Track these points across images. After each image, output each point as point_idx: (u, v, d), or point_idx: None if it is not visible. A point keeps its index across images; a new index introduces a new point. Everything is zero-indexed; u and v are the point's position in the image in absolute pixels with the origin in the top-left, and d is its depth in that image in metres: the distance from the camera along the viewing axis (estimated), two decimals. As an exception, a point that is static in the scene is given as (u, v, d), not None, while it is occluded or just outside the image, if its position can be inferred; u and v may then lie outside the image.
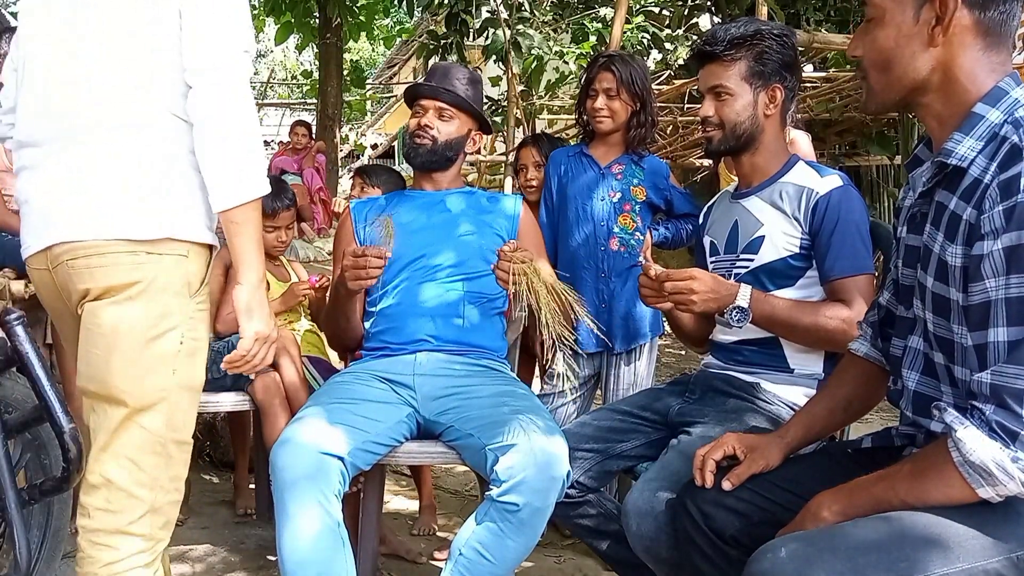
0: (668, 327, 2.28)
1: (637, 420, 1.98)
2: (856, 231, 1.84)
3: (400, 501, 3.21)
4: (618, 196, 2.54)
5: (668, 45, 7.15)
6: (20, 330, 1.63)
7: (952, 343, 1.24)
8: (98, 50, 1.48)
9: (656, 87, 5.86)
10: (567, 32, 7.44)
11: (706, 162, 7.16)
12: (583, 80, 2.67)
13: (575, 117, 2.77)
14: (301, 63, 22.82)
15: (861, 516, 1.23)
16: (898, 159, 7.28)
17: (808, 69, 6.36)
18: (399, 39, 16.14)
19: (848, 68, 6.10)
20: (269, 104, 18.32)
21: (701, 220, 2.17)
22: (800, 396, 1.86)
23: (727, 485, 1.49)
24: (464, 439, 1.91)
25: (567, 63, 7.08)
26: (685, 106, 6.68)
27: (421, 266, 2.18)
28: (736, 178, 2.08)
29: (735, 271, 1.95)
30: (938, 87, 1.27)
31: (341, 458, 1.79)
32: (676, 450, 1.76)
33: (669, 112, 6.77)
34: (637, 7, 7.42)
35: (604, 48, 5.45)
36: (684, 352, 5.94)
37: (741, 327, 1.82)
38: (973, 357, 1.18)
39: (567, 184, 2.61)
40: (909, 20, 1.26)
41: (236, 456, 3.07)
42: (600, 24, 7.21)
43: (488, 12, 6.78)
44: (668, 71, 7.25)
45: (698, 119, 2.07)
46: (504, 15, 6.39)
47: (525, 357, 2.85)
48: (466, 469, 2.67)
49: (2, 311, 1.65)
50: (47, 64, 1.52)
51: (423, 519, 2.86)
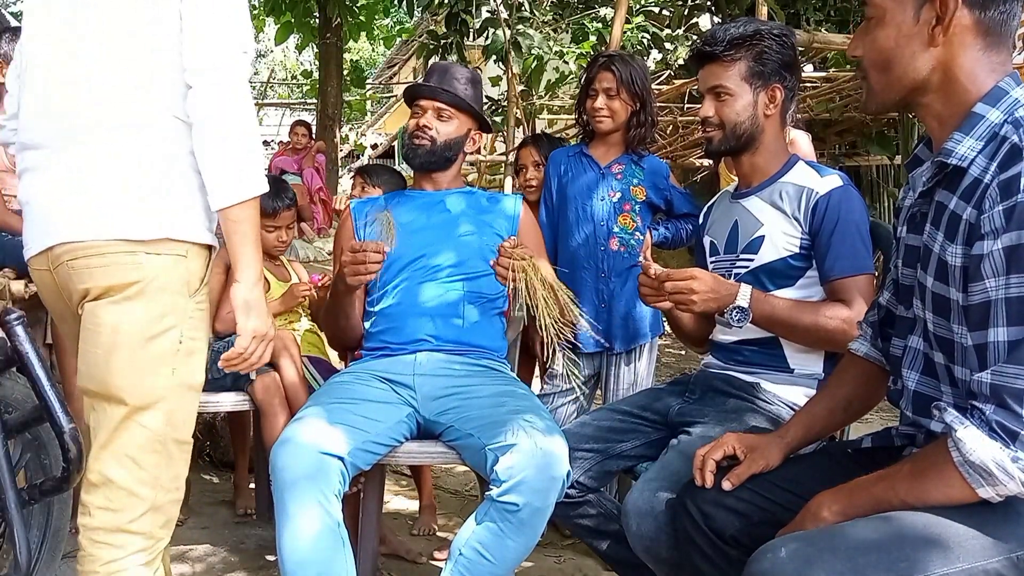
0: (668, 327, 2.27)
1: (637, 420, 1.98)
2: (856, 231, 1.84)
3: (400, 501, 3.21)
4: (618, 196, 2.54)
5: (668, 45, 7.15)
6: (20, 330, 1.63)
7: (952, 343, 1.24)
8: (98, 50, 1.48)
9: (656, 87, 5.86)
10: (567, 32, 7.44)
11: (706, 162, 7.16)
12: (583, 80, 2.67)
13: (575, 117, 2.77)
14: (301, 63, 22.81)
15: (861, 516, 1.23)
16: (898, 159, 7.28)
17: (808, 69, 6.36)
18: (399, 39, 16.14)
19: (848, 68, 6.10)
20: (269, 104, 18.31)
21: (701, 220, 2.17)
22: (800, 396, 1.86)
23: (727, 485, 1.49)
24: (464, 439, 1.91)
25: (567, 63, 7.07)
26: (685, 106, 6.68)
27: (421, 266, 2.18)
28: (736, 178, 2.08)
29: (735, 271, 1.95)
30: (938, 87, 1.27)
31: (341, 458, 1.79)
32: (676, 450, 1.77)
33: (669, 112, 6.77)
34: (637, 7, 7.42)
35: (604, 48, 5.45)
36: (684, 352, 5.94)
37: (741, 327, 1.82)
38: (973, 357, 1.18)
39: (567, 184, 2.61)
40: (909, 20, 1.26)
41: (236, 456, 3.07)
42: (600, 24, 7.20)
43: (488, 12, 6.78)
44: (668, 71, 7.25)
45: (698, 119, 2.07)
46: (504, 15, 6.38)
47: (525, 357, 2.85)
48: (466, 469, 2.67)
49: (2, 311, 1.66)
50: (47, 64, 1.53)
51: (423, 519, 2.86)
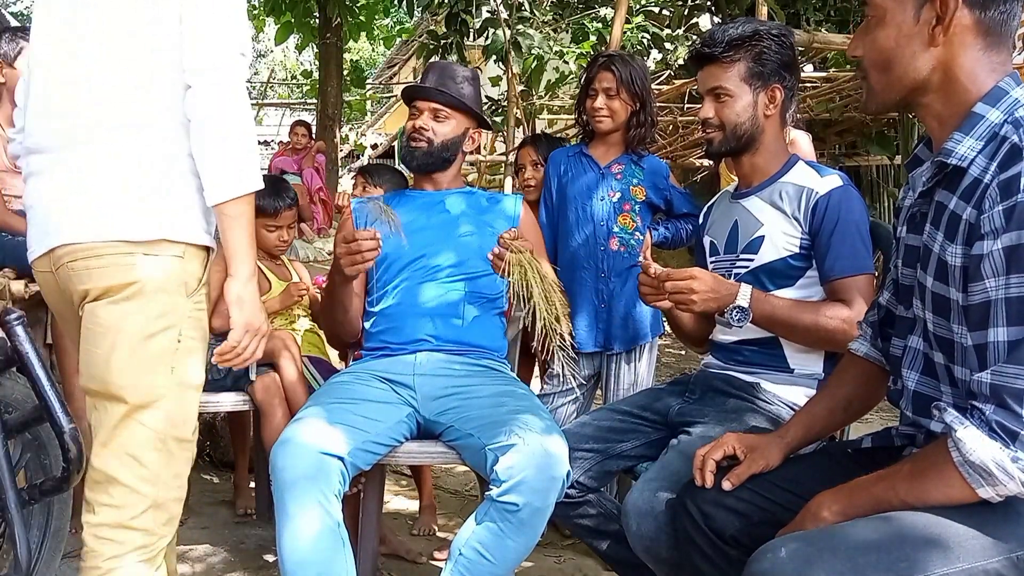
0: (668, 327, 2.27)
1: (637, 420, 1.98)
2: (856, 231, 1.84)
3: (400, 501, 3.21)
4: (618, 196, 2.54)
5: (668, 45, 7.15)
6: (20, 330, 1.64)
7: (952, 343, 1.24)
8: (98, 50, 1.49)
9: (656, 87, 5.87)
10: (567, 32, 7.44)
11: (706, 162, 7.17)
12: (583, 80, 2.67)
13: (575, 117, 2.77)
14: (301, 63, 22.81)
15: (861, 516, 1.23)
16: (898, 159, 7.29)
17: (808, 69, 6.37)
18: (399, 39, 16.13)
19: (848, 68, 6.11)
20: (269, 104, 18.28)
21: (701, 220, 2.17)
22: (800, 396, 1.86)
23: (727, 485, 1.49)
24: (464, 439, 1.91)
25: (567, 63, 7.07)
26: (685, 106, 6.69)
27: (421, 266, 2.18)
28: (736, 178, 2.08)
29: (735, 271, 1.95)
30: (938, 87, 1.27)
31: (341, 458, 1.79)
32: (676, 450, 1.77)
33: (669, 112, 6.77)
34: (637, 7, 7.42)
35: (604, 48, 5.45)
36: (684, 352, 5.94)
37: (741, 327, 1.82)
38: (973, 357, 1.18)
39: (567, 184, 2.61)
40: (909, 20, 1.26)
41: (236, 456, 3.07)
42: (600, 24, 7.20)
43: (488, 12, 6.78)
44: (668, 71, 7.25)
45: (698, 120, 2.07)
46: (504, 15, 6.39)
47: (525, 357, 2.85)
48: (466, 469, 2.67)
49: (2, 311, 1.66)
50: (47, 64, 1.54)
51: (423, 519, 2.86)
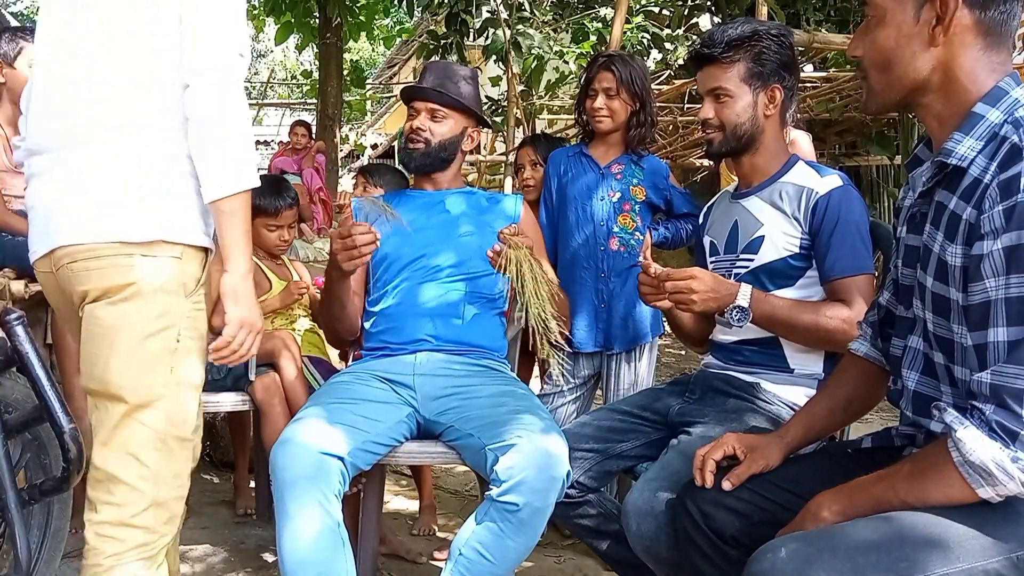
0: (668, 327, 2.27)
1: (637, 420, 1.98)
2: (856, 231, 1.84)
3: (400, 501, 3.21)
4: (618, 196, 2.54)
5: (668, 45, 7.14)
6: (20, 330, 1.64)
7: (952, 343, 1.24)
8: (98, 50, 1.49)
9: (656, 87, 5.87)
10: (567, 32, 7.44)
11: (706, 162, 7.17)
12: (583, 80, 2.67)
13: (575, 117, 2.77)
14: (301, 63, 22.79)
15: (861, 516, 1.23)
16: (898, 159, 7.29)
17: (808, 69, 6.37)
18: (399, 39, 16.11)
19: (848, 68, 6.11)
20: (269, 104, 18.26)
21: (701, 220, 2.17)
22: (800, 396, 1.86)
23: (727, 485, 1.49)
24: (464, 439, 1.91)
25: (567, 63, 7.07)
26: (685, 106, 6.69)
27: (421, 266, 2.18)
28: (736, 178, 2.08)
29: (735, 271, 1.95)
30: (938, 87, 1.26)
31: (341, 458, 1.79)
32: (676, 450, 1.77)
33: (669, 112, 6.77)
34: (637, 7, 7.42)
35: (604, 48, 5.44)
36: (684, 352, 5.94)
37: (741, 327, 1.82)
38: (973, 357, 1.18)
39: (567, 184, 2.61)
40: (909, 20, 1.26)
41: (236, 456, 3.08)
42: (600, 24, 7.20)
43: (488, 12, 6.78)
44: (668, 71, 7.25)
45: (698, 120, 2.07)
46: (504, 15, 6.38)
47: (525, 357, 2.85)
48: (466, 469, 2.67)
49: (2, 311, 1.66)
50: (47, 64, 1.54)
51: (423, 519, 2.86)
